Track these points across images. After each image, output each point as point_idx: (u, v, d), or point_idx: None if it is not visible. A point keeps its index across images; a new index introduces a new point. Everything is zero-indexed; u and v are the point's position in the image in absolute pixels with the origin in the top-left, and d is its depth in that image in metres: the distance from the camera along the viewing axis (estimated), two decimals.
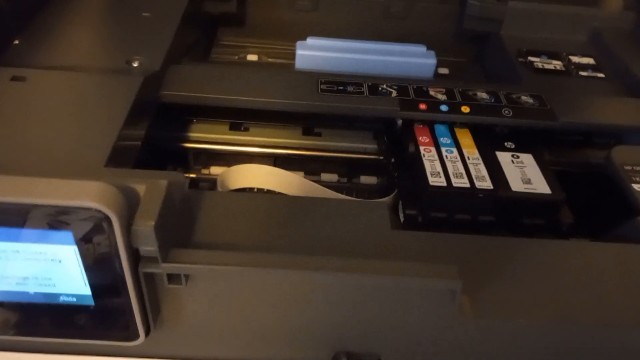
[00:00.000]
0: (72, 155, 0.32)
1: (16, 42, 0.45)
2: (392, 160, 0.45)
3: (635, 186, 0.38)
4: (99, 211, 0.24)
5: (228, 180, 0.43)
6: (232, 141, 0.47)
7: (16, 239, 0.25)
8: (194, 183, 0.48)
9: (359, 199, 0.41)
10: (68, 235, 0.25)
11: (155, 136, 0.43)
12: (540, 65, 0.53)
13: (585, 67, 0.54)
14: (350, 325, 0.31)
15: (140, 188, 0.26)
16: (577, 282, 0.32)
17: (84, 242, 0.25)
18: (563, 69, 0.53)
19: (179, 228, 0.30)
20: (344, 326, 0.32)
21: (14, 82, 0.38)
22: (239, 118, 0.48)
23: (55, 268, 0.26)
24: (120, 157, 0.34)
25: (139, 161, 0.38)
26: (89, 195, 0.23)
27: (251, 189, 0.45)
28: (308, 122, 0.49)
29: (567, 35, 0.57)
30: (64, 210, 0.24)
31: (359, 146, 0.49)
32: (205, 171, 0.49)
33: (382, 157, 0.48)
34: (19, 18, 0.47)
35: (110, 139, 0.33)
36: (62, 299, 0.27)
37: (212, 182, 0.48)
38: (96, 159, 0.32)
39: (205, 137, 0.47)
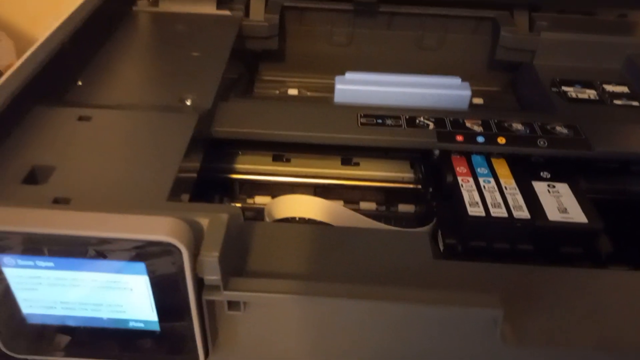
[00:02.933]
0: (138, 189, 0.35)
1: (79, 82, 0.49)
2: (430, 189, 0.46)
3: None
4: (171, 244, 0.26)
5: (274, 210, 0.45)
6: (275, 172, 0.50)
7: (95, 269, 0.28)
8: None
9: (400, 229, 0.43)
10: (141, 266, 0.27)
11: (204, 168, 0.46)
12: (574, 95, 0.54)
13: (619, 95, 0.54)
14: (396, 352, 0.33)
15: (204, 221, 0.29)
16: (616, 310, 0.33)
17: (154, 272, 0.28)
18: (597, 98, 0.54)
19: (235, 257, 0.33)
20: (390, 352, 0.33)
21: (81, 121, 0.41)
22: (281, 150, 0.50)
23: (127, 296, 0.29)
24: (180, 189, 0.37)
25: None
26: (163, 230, 0.26)
27: (294, 218, 0.47)
28: (347, 153, 0.51)
29: (600, 64, 0.58)
30: (140, 244, 0.26)
31: (396, 175, 0.50)
32: (250, 200, 0.51)
33: (419, 186, 0.50)
34: (81, 60, 0.51)
35: (171, 173, 0.36)
36: (131, 324, 0.30)
37: (257, 211, 0.50)
38: (160, 192, 0.34)
39: (249, 168, 0.50)
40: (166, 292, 0.28)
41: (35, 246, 0.27)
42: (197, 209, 0.31)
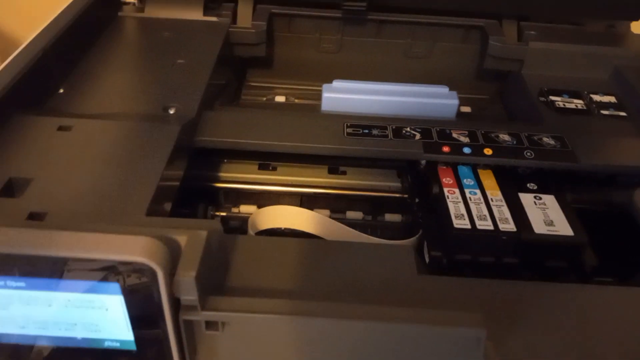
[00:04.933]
0: (116, 204, 0.34)
1: (61, 90, 0.48)
2: (417, 200, 0.46)
3: None
4: (145, 264, 0.25)
5: (257, 221, 0.45)
6: (261, 180, 0.49)
7: (68, 289, 0.27)
8: (224, 221, 0.50)
9: (385, 241, 0.43)
10: (115, 286, 0.27)
11: (188, 176, 0.45)
12: (561, 105, 0.54)
13: (606, 105, 0.54)
14: None
15: (182, 239, 0.28)
16: (600, 327, 0.32)
17: (129, 292, 0.27)
18: (584, 107, 0.54)
19: (215, 273, 0.32)
20: None
21: (61, 131, 0.40)
22: (268, 158, 0.50)
23: (102, 315, 0.28)
24: (160, 201, 0.36)
25: (174, 200, 0.40)
26: (136, 250, 0.25)
27: (277, 229, 0.46)
28: (334, 162, 0.50)
29: (588, 74, 0.58)
30: (114, 264, 0.26)
31: (383, 184, 0.50)
32: (235, 209, 0.51)
33: (406, 196, 0.49)
34: (64, 67, 0.50)
35: (151, 186, 0.35)
36: (107, 344, 0.29)
37: (242, 220, 0.50)
38: (139, 206, 0.34)
39: (235, 176, 0.49)
40: (142, 312, 0.28)
41: (6, 266, 0.26)
42: (175, 224, 0.30)
